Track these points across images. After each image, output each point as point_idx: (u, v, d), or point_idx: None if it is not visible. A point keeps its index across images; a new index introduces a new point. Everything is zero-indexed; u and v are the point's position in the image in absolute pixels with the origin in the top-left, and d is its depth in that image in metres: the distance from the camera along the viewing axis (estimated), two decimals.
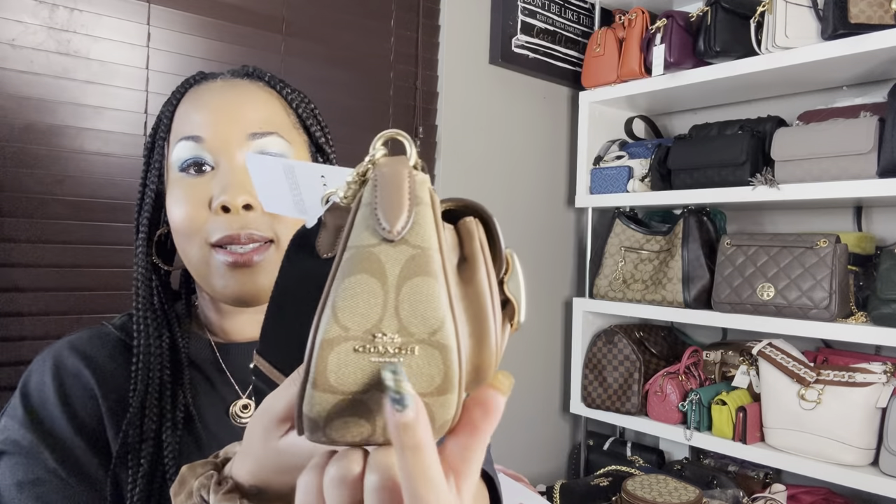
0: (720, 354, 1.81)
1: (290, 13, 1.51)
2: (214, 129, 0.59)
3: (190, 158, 0.59)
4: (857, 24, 1.43)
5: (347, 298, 0.30)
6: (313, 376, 0.29)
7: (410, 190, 0.31)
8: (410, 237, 0.31)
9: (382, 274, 0.30)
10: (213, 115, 0.60)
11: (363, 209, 0.31)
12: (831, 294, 1.50)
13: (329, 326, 0.29)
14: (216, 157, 0.60)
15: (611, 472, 1.81)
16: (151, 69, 1.32)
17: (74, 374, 0.60)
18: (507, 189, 2.00)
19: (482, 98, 1.92)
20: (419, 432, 0.28)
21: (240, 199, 0.57)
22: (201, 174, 0.60)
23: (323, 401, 0.30)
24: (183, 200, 0.59)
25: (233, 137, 0.60)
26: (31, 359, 1.17)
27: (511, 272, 0.35)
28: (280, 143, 0.62)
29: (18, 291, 1.18)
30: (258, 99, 0.63)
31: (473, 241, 0.34)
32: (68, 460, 0.56)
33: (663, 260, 1.85)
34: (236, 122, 0.60)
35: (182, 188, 0.60)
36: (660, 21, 1.81)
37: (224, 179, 0.58)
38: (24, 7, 1.17)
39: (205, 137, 0.59)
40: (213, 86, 0.63)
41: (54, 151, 1.21)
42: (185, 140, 0.60)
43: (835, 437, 1.46)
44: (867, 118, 1.49)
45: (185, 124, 0.61)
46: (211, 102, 0.61)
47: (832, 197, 1.53)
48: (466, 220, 0.35)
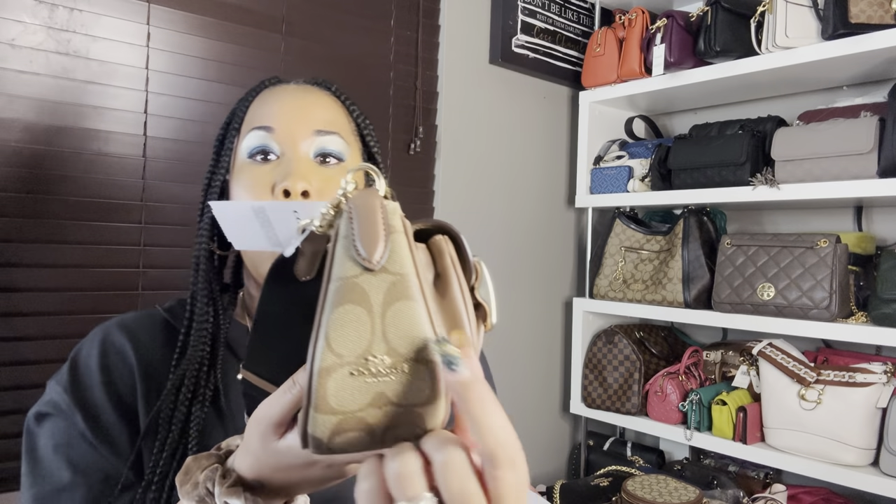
0: (720, 354, 1.81)
1: (290, 13, 1.51)
2: (284, 122, 0.65)
3: (259, 146, 0.65)
4: (858, 23, 1.43)
5: (338, 328, 0.33)
6: (315, 401, 0.32)
7: (384, 220, 0.34)
8: (389, 265, 0.34)
9: (367, 302, 0.33)
10: (284, 110, 0.66)
11: (341, 241, 0.34)
12: (832, 294, 1.50)
13: (324, 356, 0.32)
14: (282, 147, 0.65)
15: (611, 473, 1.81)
16: (151, 69, 1.32)
17: (119, 349, 0.65)
18: (507, 189, 2.00)
19: (482, 98, 1.92)
20: (478, 385, 0.32)
21: (299, 185, 0.62)
22: (266, 162, 0.65)
23: (326, 421, 0.33)
24: (248, 185, 0.64)
25: (300, 131, 0.65)
26: (32, 359, 1.18)
27: (480, 279, 0.39)
28: (340, 143, 0.67)
29: (18, 291, 1.18)
30: (325, 103, 0.69)
31: (444, 258, 0.38)
32: (97, 425, 0.61)
33: (663, 260, 1.85)
34: (304, 118, 0.66)
35: (248, 174, 0.65)
36: (660, 21, 1.81)
37: (287, 167, 0.64)
38: (23, 7, 1.17)
39: (275, 128, 0.65)
40: (286, 87, 0.70)
41: (54, 151, 1.21)
42: (256, 129, 0.66)
43: (835, 438, 1.46)
44: (867, 118, 1.49)
45: (257, 117, 0.67)
46: (283, 99, 0.67)
47: (832, 197, 1.53)
48: (436, 238, 0.39)
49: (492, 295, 0.40)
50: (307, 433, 0.33)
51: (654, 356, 1.93)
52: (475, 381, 0.32)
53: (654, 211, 2.11)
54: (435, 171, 1.82)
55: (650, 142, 2.00)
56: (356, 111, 0.74)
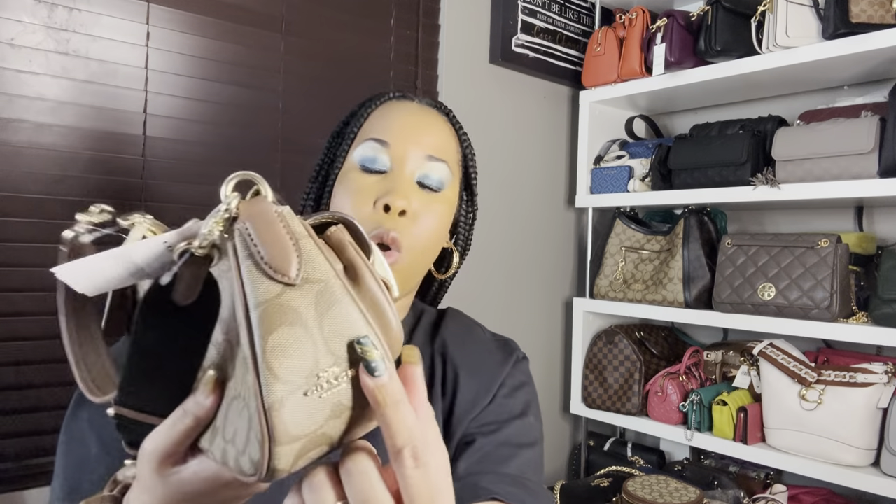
0: (721, 355, 1.81)
1: (290, 12, 1.51)
2: (401, 140, 0.68)
3: (372, 158, 0.67)
4: (858, 23, 1.43)
5: (279, 356, 0.30)
6: (275, 437, 0.30)
7: (287, 229, 0.32)
8: (309, 274, 0.32)
9: (300, 319, 0.31)
10: (404, 129, 0.69)
11: (246, 262, 0.31)
12: (832, 294, 1.50)
13: (271, 388, 0.30)
14: (393, 163, 0.67)
15: (611, 473, 1.81)
16: (151, 69, 1.32)
17: None
18: (507, 189, 2.00)
19: (482, 98, 1.91)
20: (396, 389, 0.32)
21: (400, 202, 0.65)
22: (374, 174, 0.67)
23: (289, 451, 0.31)
24: (354, 192, 0.67)
25: (413, 152, 0.68)
26: (31, 359, 1.18)
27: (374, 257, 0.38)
28: (445, 171, 0.70)
29: (18, 291, 1.18)
30: (440, 128, 0.72)
31: (348, 249, 0.36)
32: None
33: (664, 260, 1.85)
34: (419, 141, 0.69)
35: (356, 181, 0.67)
36: (660, 20, 1.80)
37: (393, 184, 0.66)
38: (23, 6, 1.17)
39: (391, 144, 0.68)
40: (409, 105, 0.72)
41: (53, 151, 1.21)
42: (373, 141, 0.68)
43: (836, 438, 1.46)
44: (868, 118, 1.48)
45: (376, 128, 0.69)
46: (404, 117, 0.70)
47: (833, 197, 1.52)
48: (334, 230, 0.37)
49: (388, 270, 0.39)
50: (269, 468, 0.31)
51: (654, 356, 1.93)
52: (385, 384, 0.32)
53: (655, 211, 2.11)
54: None
55: (650, 141, 1.99)
56: (466, 141, 0.75)
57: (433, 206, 0.68)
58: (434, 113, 0.73)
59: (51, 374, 1.20)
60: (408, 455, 0.33)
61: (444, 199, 0.70)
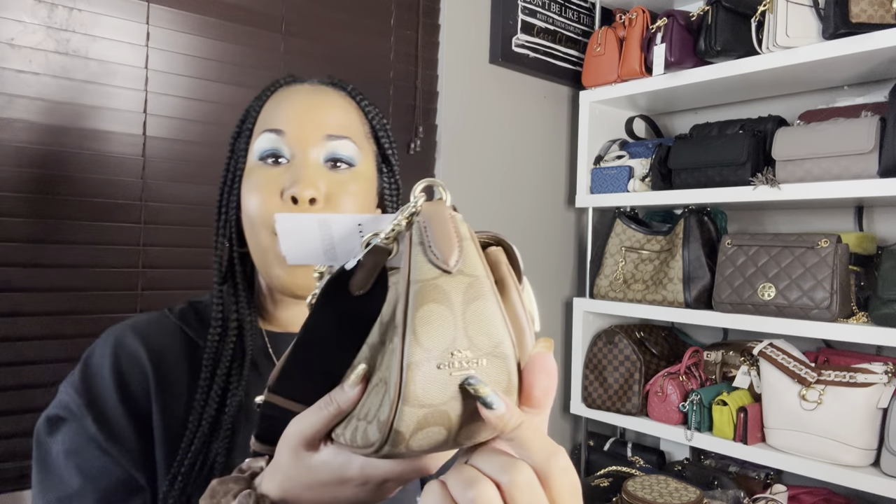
0: (721, 355, 1.81)
1: (290, 13, 1.51)
2: (296, 125, 0.65)
3: (269, 150, 0.65)
4: (858, 23, 1.43)
5: (425, 324, 0.34)
6: (405, 395, 0.34)
7: (455, 229, 0.37)
8: (464, 268, 0.36)
9: (448, 301, 0.35)
10: (297, 113, 0.66)
11: (417, 248, 0.37)
12: (832, 294, 1.50)
13: (413, 350, 0.34)
14: (293, 151, 0.65)
15: (611, 473, 1.81)
16: (151, 69, 1.32)
17: (132, 353, 0.64)
18: (507, 189, 2.00)
19: (482, 98, 1.91)
20: (514, 416, 0.34)
21: (307, 192, 0.62)
22: (277, 165, 0.65)
23: (413, 414, 0.34)
24: (258, 188, 0.64)
25: (311, 135, 0.65)
26: (32, 359, 1.18)
27: (525, 290, 0.42)
28: (351, 147, 0.67)
29: (18, 292, 1.18)
30: (338, 105, 0.68)
31: (502, 267, 0.40)
32: (108, 428, 0.60)
33: (664, 260, 1.85)
34: (316, 123, 0.66)
35: (258, 176, 0.65)
36: (660, 20, 1.80)
37: (296, 173, 0.63)
38: (23, 6, 1.17)
39: (286, 131, 0.65)
40: (300, 88, 0.69)
41: (54, 151, 1.21)
42: (268, 132, 0.65)
43: (836, 438, 1.46)
44: (868, 118, 1.48)
45: (270, 119, 0.66)
46: (296, 102, 0.67)
47: (833, 197, 1.52)
48: (493, 249, 0.41)
49: (534, 305, 0.42)
50: (392, 428, 0.34)
51: (654, 356, 1.93)
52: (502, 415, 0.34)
53: (655, 211, 2.11)
54: (435, 171, 1.82)
55: (650, 141, 1.99)
56: (371, 112, 0.72)
57: (347, 186, 0.66)
58: (329, 91, 0.69)
59: (51, 374, 1.20)
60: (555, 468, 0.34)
61: (359, 176, 0.67)
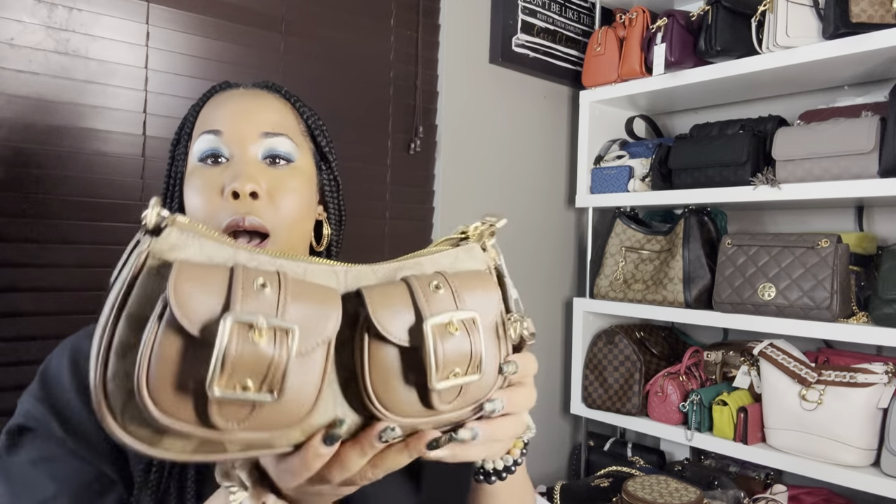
0: (721, 355, 1.81)
1: (290, 12, 1.51)
2: (232, 125, 0.67)
3: (209, 150, 0.67)
4: (859, 23, 1.43)
5: None
6: None
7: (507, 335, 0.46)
8: None
9: None
10: (232, 114, 0.68)
11: None
12: (832, 294, 1.49)
13: None
14: (231, 150, 0.67)
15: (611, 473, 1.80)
16: (150, 69, 1.32)
17: (88, 356, 0.63)
18: (507, 189, 2.00)
19: (482, 98, 1.91)
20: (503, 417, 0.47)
21: (248, 186, 0.63)
22: (217, 165, 0.66)
23: None
24: (199, 188, 0.65)
25: (247, 133, 0.67)
26: (32, 359, 1.18)
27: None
28: (288, 144, 0.69)
29: (18, 291, 1.18)
30: (273, 105, 0.71)
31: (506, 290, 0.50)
32: (74, 429, 0.60)
33: (664, 260, 1.85)
34: (252, 121, 0.68)
35: (199, 177, 0.66)
36: (660, 20, 1.80)
37: (236, 169, 0.65)
38: (22, 6, 1.17)
39: (223, 131, 0.67)
40: (234, 92, 0.71)
41: (54, 151, 1.21)
42: (206, 133, 0.67)
43: (836, 438, 1.46)
44: (868, 118, 1.48)
45: (207, 121, 0.69)
46: (231, 103, 0.69)
47: (833, 197, 1.52)
48: None
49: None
50: None
51: (654, 356, 1.93)
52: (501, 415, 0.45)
53: (655, 211, 2.11)
54: (435, 171, 1.82)
55: (651, 141, 1.99)
56: (306, 112, 0.74)
57: (287, 181, 0.67)
58: (263, 93, 0.72)
59: None
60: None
61: (298, 172, 0.69)
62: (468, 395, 0.41)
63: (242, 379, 0.33)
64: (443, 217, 1.83)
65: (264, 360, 0.33)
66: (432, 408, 0.39)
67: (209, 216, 0.64)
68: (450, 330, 0.39)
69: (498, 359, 0.43)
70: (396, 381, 0.38)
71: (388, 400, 0.38)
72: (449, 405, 0.40)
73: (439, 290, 0.40)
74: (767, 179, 1.60)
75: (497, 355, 0.43)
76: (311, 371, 0.36)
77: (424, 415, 0.40)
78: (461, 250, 0.45)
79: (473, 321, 0.40)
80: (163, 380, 0.33)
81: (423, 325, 0.38)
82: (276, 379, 0.34)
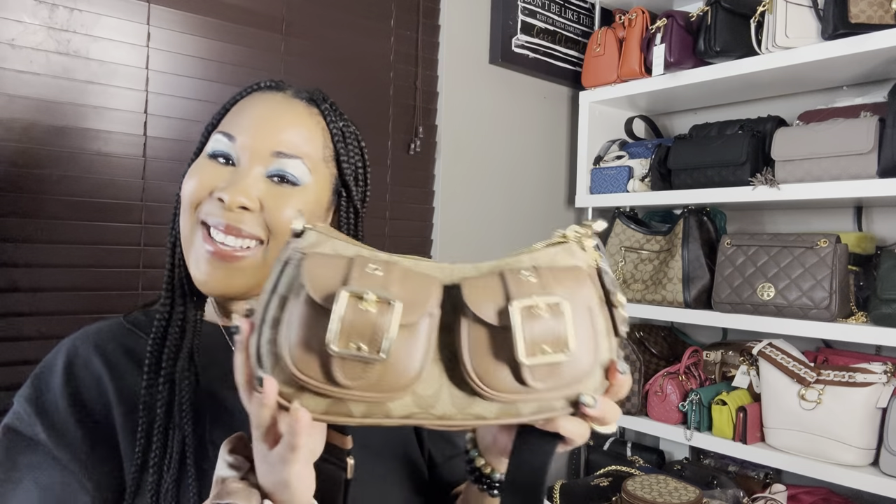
0: (720, 354, 1.81)
1: (290, 13, 1.51)
2: (248, 136, 0.65)
3: (218, 151, 0.66)
4: (858, 23, 1.43)
5: None
6: None
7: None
8: None
9: None
10: (253, 124, 0.66)
11: None
12: (831, 294, 1.50)
13: None
14: (240, 157, 0.65)
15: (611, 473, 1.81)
16: (151, 69, 1.32)
17: (84, 360, 0.65)
18: (507, 189, 2.00)
19: (482, 98, 1.92)
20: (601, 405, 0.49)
21: (239, 199, 0.62)
22: (225, 165, 0.66)
23: None
24: (197, 176, 0.65)
25: (260, 148, 0.65)
26: (31, 359, 1.18)
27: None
28: (301, 168, 0.66)
29: (18, 291, 1.18)
30: (302, 124, 0.67)
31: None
32: (56, 435, 0.60)
33: (663, 260, 1.85)
34: (269, 137, 0.65)
35: (203, 166, 0.66)
36: (660, 21, 1.81)
37: (233, 177, 0.64)
38: (23, 7, 1.17)
39: (237, 139, 0.65)
40: (272, 97, 0.69)
41: (54, 151, 1.21)
42: (221, 134, 0.66)
43: (835, 437, 1.46)
44: (867, 118, 1.49)
45: (229, 122, 0.67)
46: (259, 111, 0.67)
47: (832, 197, 1.52)
48: None
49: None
50: None
51: (653, 356, 1.93)
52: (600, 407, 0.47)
53: (654, 211, 2.11)
54: (435, 171, 1.82)
55: (650, 142, 2.00)
56: (338, 135, 0.71)
57: (288, 199, 0.64)
58: (299, 106, 0.68)
59: None
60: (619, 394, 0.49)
61: (304, 193, 0.66)
62: (560, 376, 0.44)
63: (355, 340, 0.40)
64: (443, 217, 1.83)
65: (371, 325, 0.41)
66: (526, 384, 0.43)
67: (193, 205, 0.64)
68: (535, 311, 0.43)
69: (593, 348, 0.46)
70: (490, 358, 0.43)
71: (485, 375, 0.43)
72: (542, 383, 0.44)
73: (529, 279, 0.45)
74: (766, 180, 1.61)
75: (592, 345, 0.46)
76: (416, 341, 0.42)
77: (520, 391, 0.44)
78: (560, 248, 0.49)
79: (559, 305, 0.44)
80: (298, 342, 0.41)
81: (510, 305, 0.43)
82: (382, 342, 0.40)
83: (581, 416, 0.48)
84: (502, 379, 0.43)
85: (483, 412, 0.44)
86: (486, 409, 0.44)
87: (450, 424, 0.44)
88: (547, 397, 0.45)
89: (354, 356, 0.40)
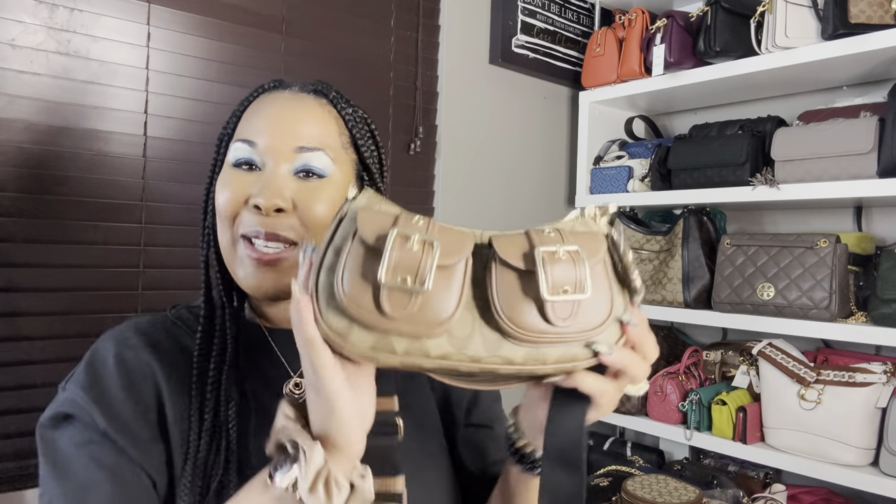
0: (720, 354, 1.81)
1: (290, 13, 1.51)
2: (268, 138, 0.67)
3: (242, 159, 0.68)
4: (858, 24, 1.43)
5: None
6: None
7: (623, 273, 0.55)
8: None
9: None
10: (270, 125, 0.67)
11: None
12: (831, 294, 1.50)
13: None
14: (265, 160, 0.67)
15: (611, 472, 1.81)
16: (151, 69, 1.32)
17: (136, 350, 0.66)
18: (506, 189, 2.00)
19: (482, 98, 1.92)
20: (620, 355, 0.53)
21: (273, 201, 0.64)
22: (251, 171, 0.67)
23: None
24: (228, 188, 0.67)
25: (282, 147, 0.67)
26: (31, 359, 1.18)
27: None
28: (324, 160, 0.68)
29: (18, 292, 1.18)
30: (315, 115, 0.70)
31: None
32: (117, 422, 0.62)
33: (663, 260, 1.85)
34: (288, 134, 0.67)
35: (231, 177, 0.68)
36: (660, 21, 1.81)
37: (264, 181, 0.65)
38: (23, 7, 1.17)
39: (258, 143, 0.67)
40: (280, 96, 0.70)
41: (54, 151, 1.21)
42: (241, 142, 0.68)
43: (835, 437, 1.46)
44: (867, 118, 1.49)
45: (245, 128, 0.69)
46: (272, 111, 0.68)
47: (832, 197, 1.53)
48: None
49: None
50: None
51: None
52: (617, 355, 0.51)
53: (654, 211, 2.11)
54: (435, 171, 1.83)
55: (650, 142, 2.00)
56: (352, 120, 0.73)
57: (319, 193, 0.67)
58: (308, 99, 0.70)
59: (51, 375, 1.20)
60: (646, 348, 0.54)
61: (331, 185, 0.68)
62: (581, 317, 0.49)
63: (402, 273, 0.46)
64: (443, 217, 1.83)
65: (416, 261, 0.46)
66: (550, 322, 0.48)
67: (230, 217, 0.66)
68: (557, 256, 0.49)
69: (609, 297, 0.51)
70: (518, 299, 0.49)
71: (513, 314, 0.48)
72: (565, 322, 0.49)
73: (550, 234, 0.52)
74: (766, 180, 1.61)
75: (608, 294, 0.51)
76: (453, 282, 0.48)
77: (546, 330, 0.49)
78: (577, 220, 0.55)
79: (578, 252, 0.50)
80: (352, 276, 0.47)
81: (534, 250, 0.49)
82: (424, 276, 0.46)
83: (600, 370, 0.52)
84: (528, 318, 0.48)
85: (511, 354, 0.49)
86: (513, 351, 0.49)
87: (480, 368, 0.49)
88: (568, 339, 0.49)
89: (400, 287, 0.46)
